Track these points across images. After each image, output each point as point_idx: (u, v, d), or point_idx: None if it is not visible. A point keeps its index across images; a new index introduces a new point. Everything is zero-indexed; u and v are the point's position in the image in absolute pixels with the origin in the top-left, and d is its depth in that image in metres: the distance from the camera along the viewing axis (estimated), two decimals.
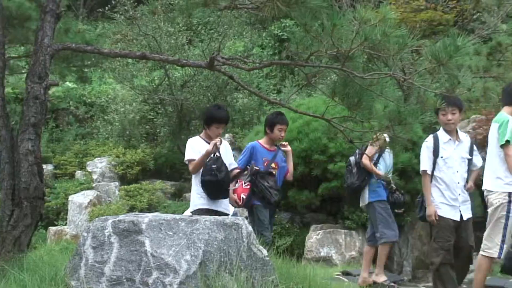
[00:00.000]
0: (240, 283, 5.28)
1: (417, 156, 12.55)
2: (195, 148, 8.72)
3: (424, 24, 20.44)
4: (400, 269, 13.46)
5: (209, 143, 8.63)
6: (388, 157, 10.27)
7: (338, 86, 6.21)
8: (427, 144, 8.89)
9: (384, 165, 10.19)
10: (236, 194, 9.47)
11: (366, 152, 9.75)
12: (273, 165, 9.87)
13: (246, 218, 11.06)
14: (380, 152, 10.07)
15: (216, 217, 5.75)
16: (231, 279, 5.27)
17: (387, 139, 9.62)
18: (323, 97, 8.59)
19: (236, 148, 17.05)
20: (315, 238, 13.82)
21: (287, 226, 14.42)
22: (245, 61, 7.34)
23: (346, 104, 6.29)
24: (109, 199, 16.76)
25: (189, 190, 17.00)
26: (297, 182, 13.97)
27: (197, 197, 8.74)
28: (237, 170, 9.27)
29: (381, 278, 10.20)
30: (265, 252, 5.76)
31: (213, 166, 8.54)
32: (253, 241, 5.66)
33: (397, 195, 10.19)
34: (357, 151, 10.07)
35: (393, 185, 10.17)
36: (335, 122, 6.65)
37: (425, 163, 8.91)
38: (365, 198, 10.26)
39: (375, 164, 10.12)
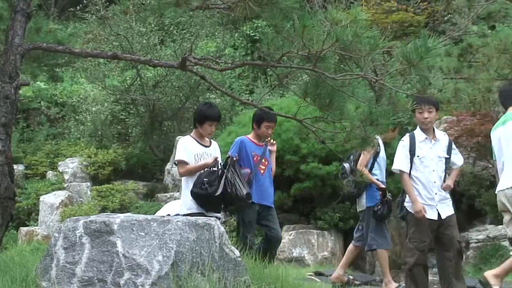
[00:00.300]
0: (212, 283, 5.29)
1: (388, 156, 12.64)
2: (188, 148, 8.65)
3: (395, 25, 20.54)
4: (372, 269, 13.52)
5: (200, 143, 8.61)
6: (382, 161, 10.16)
7: (309, 86, 6.22)
8: (403, 143, 8.90)
9: (379, 170, 10.11)
10: None
11: (361, 160, 9.69)
12: (263, 160, 9.77)
13: (218, 218, 11.03)
14: (374, 156, 9.97)
15: (188, 217, 5.75)
16: (203, 279, 5.28)
17: (380, 142, 9.68)
18: (295, 98, 8.61)
19: None
20: (287, 239, 13.84)
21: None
22: (217, 61, 7.34)
23: (318, 105, 6.30)
24: (81, 199, 16.69)
25: (161, 191, 17.09)
26: None
27: (190, 200, 8.66)
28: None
29: (393, 286, 10.05)
30: (237, 252, 5.77)
31: (204, 179, 8.47)
32: (225, 241, 5.67)
33: (383, 208, 9.94)
34: (351, 157, 9.93)
35: (388, 197, 10.01)
36: (307, 123, 6.67)
37: (402, 162, 8.94)
38: (362, 203, 10.07)
39: (370, 169, 9.97)
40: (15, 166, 7.91)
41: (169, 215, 10.03)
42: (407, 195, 8.90)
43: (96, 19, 19.15)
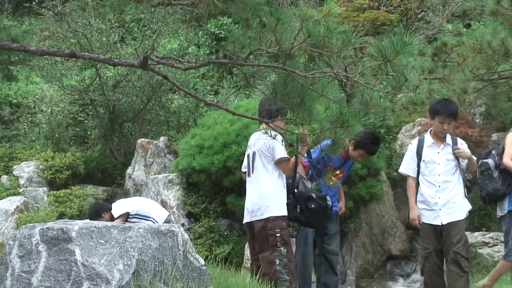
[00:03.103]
0: None
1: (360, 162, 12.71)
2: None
3: (367, 24, 20.67)
4: (343, 278, 13.56)
5: None
6: None
7: (278, 86, 6.22)
8: (411, 147, 9.21)
9: None
10: None
11: (507, 153, 9.20)
12: (337, 171, 9.73)
13: (183, 225, 11.05)
14: None
15: (150, 224, 5.74)
16: None
17: None
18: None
19: (172, 152, 17.03)
20: None
21: (225, 233, 14.42)
22: (181, 60, 7.32)
23: (287, 105, 6.31)
24: (37, 205, 16.57)
25: (122, 196, 16.99)
26: (235, 187, 14.00)
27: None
28: None
29: None
30: (202, 261, 5.76)
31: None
32: (190, 249, 5.66)
33: None
34: (492, 152, 9.41)
35: None
36: (274, 125, 6.67)
37: (407, 166, 9.14)
38: (504, 206, 9.36)
39: None
40: None
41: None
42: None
43: (53, 15, 19.02)
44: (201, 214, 14.31)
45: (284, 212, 8.66)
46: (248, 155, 9.00)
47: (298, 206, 8.83)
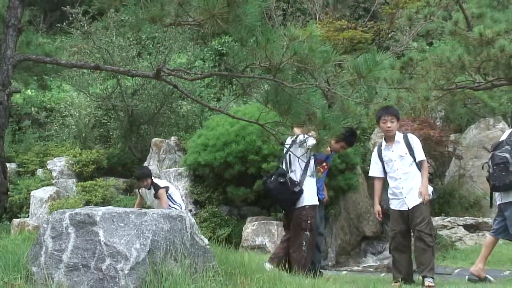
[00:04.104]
0: (184, 268, 5.28)
1: (339, 156, 12.72)
2: None
3: (346, 41, 20.68)
4: (325, 255, 13.57)
5: None
6: None
7: (270, 94, 6.23)
8: (374, 153, 9.42)
9: None
10: None
11: None
12: (324, 164, 9.73)
13: (190, 211, 11.05)
14: None
15: (163, 210, 5.74)
16: (176, 265, 5.27)
17: None
18: (258, 105, 8.64)
19: (181, 149, 17.02)
20: (250, 229, 13.84)
21: (226, 218, 14.43)
22: (188, 72, 7.34)
23: (277, 111, 6.32)
24: (67, 194, 16.56)
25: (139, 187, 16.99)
26: (234, 179, 14.03)
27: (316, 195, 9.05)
28: None
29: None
30: (206, 241, 5.76)
31: None
32: (196, 231, 5.66)
33: None
34: (506, 146, 8.79)
35: None
36: (268, 127, 6.68)
37: (373, 169, 9.38)
38: (510, 195, 8.87)
39: None
40: (8, 165, 7.84)
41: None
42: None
43: (81, 34, 19.02)
44: (206, 202, 14.33)
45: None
46: None
47: (273, 177, 8.99)
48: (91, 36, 18.11)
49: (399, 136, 9.13)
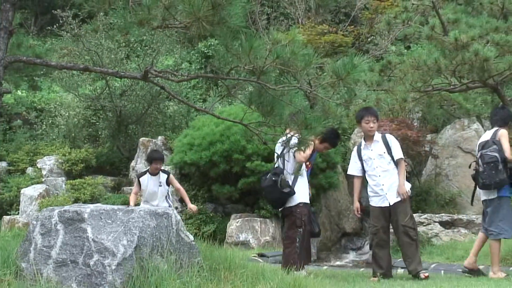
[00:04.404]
0: (170, 264, 5.27)
1: (321, 155, 12.73)
2: None
3: (327, 45, 20.72)
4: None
5: None
6: None
7: (254, 96, 6.24)
8: (353, 153, 9.51)
9: None
10: None
11: (507, 148, 8.75)
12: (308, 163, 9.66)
13: (176, 208, 11.01)
14: None
15: (150, 207, 5.72)
16: (162, 260, 5.26)
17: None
18: (242, 106, 8.63)
19: (168, 149, 16.98)
20: (235, 225, 13.84)
21: (211, 215, 14.42)
22: (175, 74, 7.30)
23: (261, 112, 6.32)
24: (57, 192, 16.48)
25: (127, 185, 16.96)
26: (219, 177, 14.02)
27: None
28: None
29: (502, 274, 8.76)
30: (191, 237, 5.76)
31: None
32: (181, 228, 5.66)
33: None
34: (494, 146, 8.78)
35: None
36: (252, 127, 6.68)
37: (353, 168, 9.43)
38: (494, 192, 8.84)
39: None
40: None
41: None
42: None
43: (71, 36, 18.90)
44: (192, 199, 14.25)
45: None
46: None
47: (268, 174, 9.03)
48: (81, 39, 18.02)
49: (377, 136, 9.19)
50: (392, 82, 10.66)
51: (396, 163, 9.09)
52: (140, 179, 10.69)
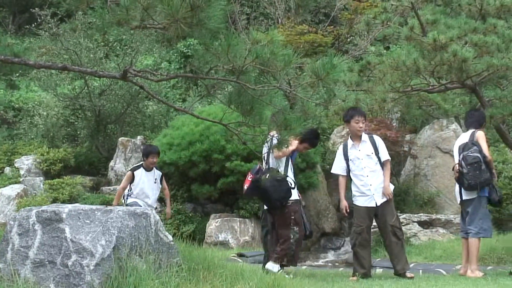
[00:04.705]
0: (149, 264, 5.26)
1: (300, 155, 12.74)
2: None
3: (306, 45, 20.76)
4: None
5: None
6: None
7: (233, 96, 6.24)
8: (339, 152, 9.51)
9: None
10: None
11: (486, 150, 8.98)
12: None
13: (155, 208, 10.97)
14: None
15: (128, 207, 5.71)
16: (140, 260, 5.25)
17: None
18: (221, 105, 8.61)
19: None
20: (214, 225, 13.83)
21: (190, 215, 14.41)
22: (154, 73, 7.28)
23: (240, 111, 6.32)
24: (35, 192, 16.38)
25: (105, 184, 16.90)
26: (199, 177, 14.01)
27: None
28: None
29: (479, 274, 8.84)
30: (170, 237, 5.75)
31: None
32: (160, 228, 5.65)
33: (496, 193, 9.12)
34: (474, 147, 8.97)
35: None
36: (231, 127, 6.68)
37: (337, 167, 9.45)
38: (475, 192, 9.00)
39: None
40: None
41: None
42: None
43: (49, 35, 18.80)
44: (171, 199, 14.26)
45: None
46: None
47: (267, 175, 9.04)
48: (59, 38, 17.93)
49: (365, 136, 9.26)
50: (371, 83, 10.67)
51: (383, 164, 9.17)
52: (135, 172, 10.51)
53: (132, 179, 10.41)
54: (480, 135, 9.12)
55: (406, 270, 8.94)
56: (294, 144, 9.07)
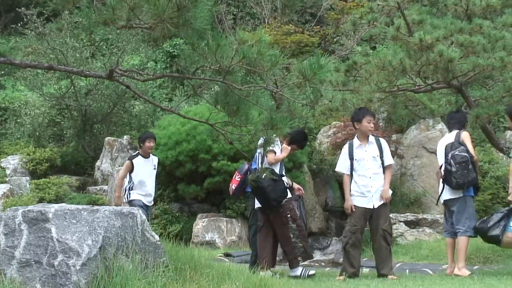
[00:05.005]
0: (135, 264, 5.26)
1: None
2: None
3: (293, 45, 20.79)
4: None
5: None
6: None
7: (220, 96, 6.24)
8: (344, 150, 9.47)
9: None
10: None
11: (471, 149, 9.06)
12: None
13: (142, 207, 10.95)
14: None
15: (115, 207, 5.70)
16: (127, 260, 5.24)
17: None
18: (208, 105, 8.61)
19: (133, 148, 16.92)
20: (201, 225, 13.84)
21: (177, 215, 14.41)
22: (141, 73, 7.28)
23: (226, 111, 6.33)
24: (21, 191, 16.33)
25: (92, 184, 16.88)
26: (185, 177, 14.01)
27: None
28: None
29: (466, 272, 8.82)
30: (157, 237, 5.75)
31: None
32: (147, 227, 5.64)
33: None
34: (462, 146, 9.02)
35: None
36: (217, 127, 6.68)
37: (341, 165, 9.43)
38: (460, 191, 9.04)
39: None
40: None
41: None
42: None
43: (35, 35, 18.75)
44: (157, 199, 14.25)
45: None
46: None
47: (264, 175, 9.09)
48: (45, 37, 17.88)
49: (372, 138, 9.31)
50: (357, 83, 10.70)
51: (385, 167, 9.26)
52: (133, 161, 10.48)
53: (131, 168, 10.39)
54: (466, 136, 9.20)
55: (390, 275, 8.97)
56: (287, 150, 9.29)
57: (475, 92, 12.35)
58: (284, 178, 9.27)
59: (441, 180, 9.22)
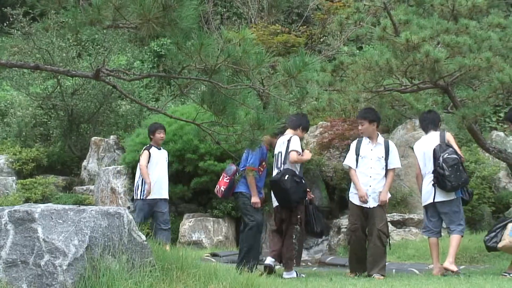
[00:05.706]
0: (122, 264, 5.25)
1: (273, 155, 12.75)
2: None
3: (280, 45, 20.80)
4: (260, 250, 13.62)
5: None
6: None
7: (206, 95, 6.25)
8: (352, 146, 9.65)
9: None
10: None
11: (458, 149, 9.22)
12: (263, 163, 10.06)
13: (128, 208, 10.94)
14: None
15: (101, 207, 5.69)
16: (114, 260, 5.24)
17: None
18: (194, 105, 8.62)
19: (120, 148, 16.89)
20: (188, 225, 13.83)
21: None
22: (127, 73, 7.27)
23: (213, 111, 6.34)
24: (7, 191, 16.26)
25: (78, 184, 16.82)
26: (172, 177, 13.95)
27: None
28: None
29: (454, 268, 8.94)
30: (143, 237, 5.74)
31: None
32: (133, 227, 5.64)
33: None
34: (451, 148, 9.14)
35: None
36: (204, 126, 6.69)
37: (349, 160, 9.57)
38: (452, 193, 9.17)
39: None
40: None
41: None
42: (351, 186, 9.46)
43: (21, 35, 18.69)
44: None
45: None
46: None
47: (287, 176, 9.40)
48: (32, 37, 17.81)
49: (380, 139, 9.44)
50: (344, 82, 10.72)
51: (388, 170, 9.38)
52: (150, 150, 10.52)
53: (149, 156, 10.44)
54: (450, 137, 9.30)
55: (377, 274, 8.99)
56: (308, 155, 9.68)
57: (461, 92, 12.40)
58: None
59: (431, 183, 9.23)
